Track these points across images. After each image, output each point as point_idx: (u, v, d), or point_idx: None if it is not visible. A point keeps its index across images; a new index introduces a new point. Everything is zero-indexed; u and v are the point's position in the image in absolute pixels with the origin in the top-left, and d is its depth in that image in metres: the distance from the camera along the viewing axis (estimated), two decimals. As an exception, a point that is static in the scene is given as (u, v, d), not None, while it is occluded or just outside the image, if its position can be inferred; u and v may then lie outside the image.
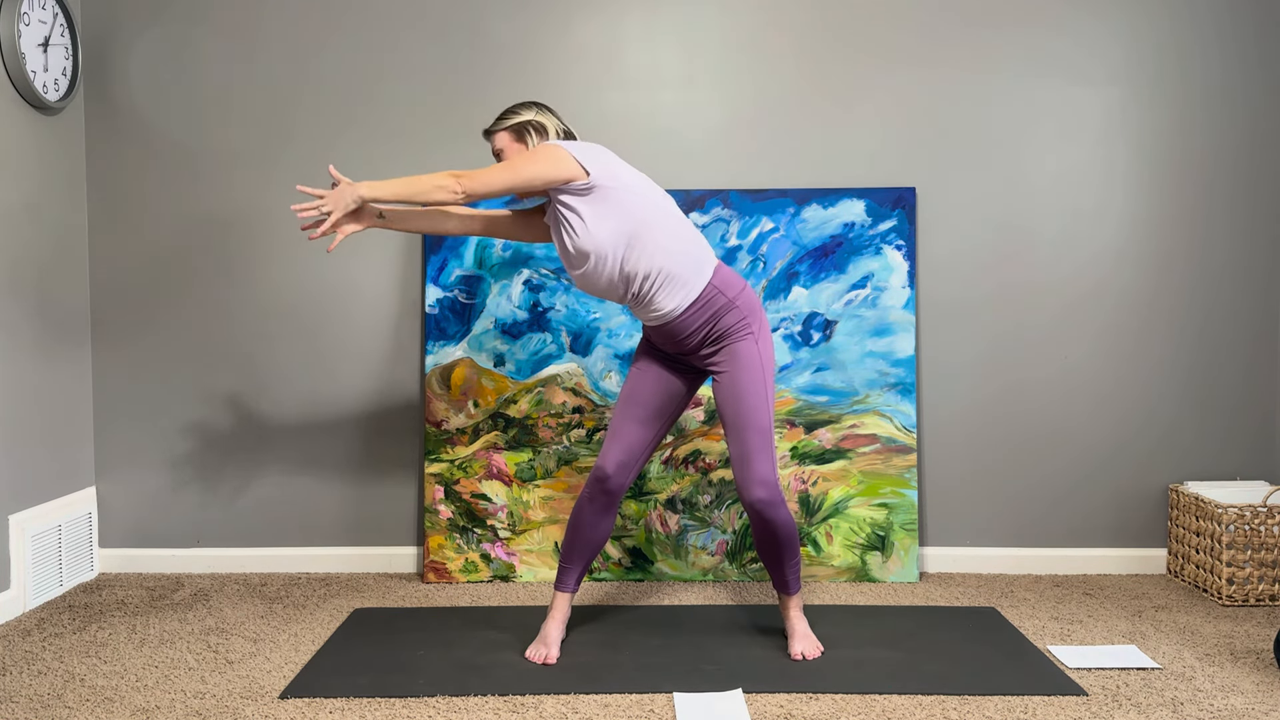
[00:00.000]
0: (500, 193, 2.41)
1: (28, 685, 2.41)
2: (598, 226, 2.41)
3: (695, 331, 2.49)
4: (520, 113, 2.57)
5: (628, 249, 2.42)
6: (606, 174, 2.41)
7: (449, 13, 3.27)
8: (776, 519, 2.48)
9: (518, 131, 2.56)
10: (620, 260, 2.43)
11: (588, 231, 2.41)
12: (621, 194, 2.42)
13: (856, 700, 2.31)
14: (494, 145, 2.59)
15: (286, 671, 2.49)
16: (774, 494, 2.47)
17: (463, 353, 3.25)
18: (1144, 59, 3.27)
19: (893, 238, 3.23)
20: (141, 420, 3.33)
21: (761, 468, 2.46)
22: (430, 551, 3.23)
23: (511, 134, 2.57)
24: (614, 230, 2.41)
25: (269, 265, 3.31)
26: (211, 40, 3.28)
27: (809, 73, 3.28)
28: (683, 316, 2.47)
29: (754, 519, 2.50)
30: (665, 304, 2.46)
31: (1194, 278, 3.31)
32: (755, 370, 2.48)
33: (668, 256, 2.43)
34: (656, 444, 2.62)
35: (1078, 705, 2.28)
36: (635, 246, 2.42)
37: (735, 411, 2.48)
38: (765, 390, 2.49)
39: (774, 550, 2.54)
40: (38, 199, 3.07)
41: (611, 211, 2.41)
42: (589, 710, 2.26)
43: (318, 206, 2.38)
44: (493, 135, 2.59)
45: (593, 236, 2.41)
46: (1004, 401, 3.31)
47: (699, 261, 2.47)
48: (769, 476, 2.46)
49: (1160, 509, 3.33)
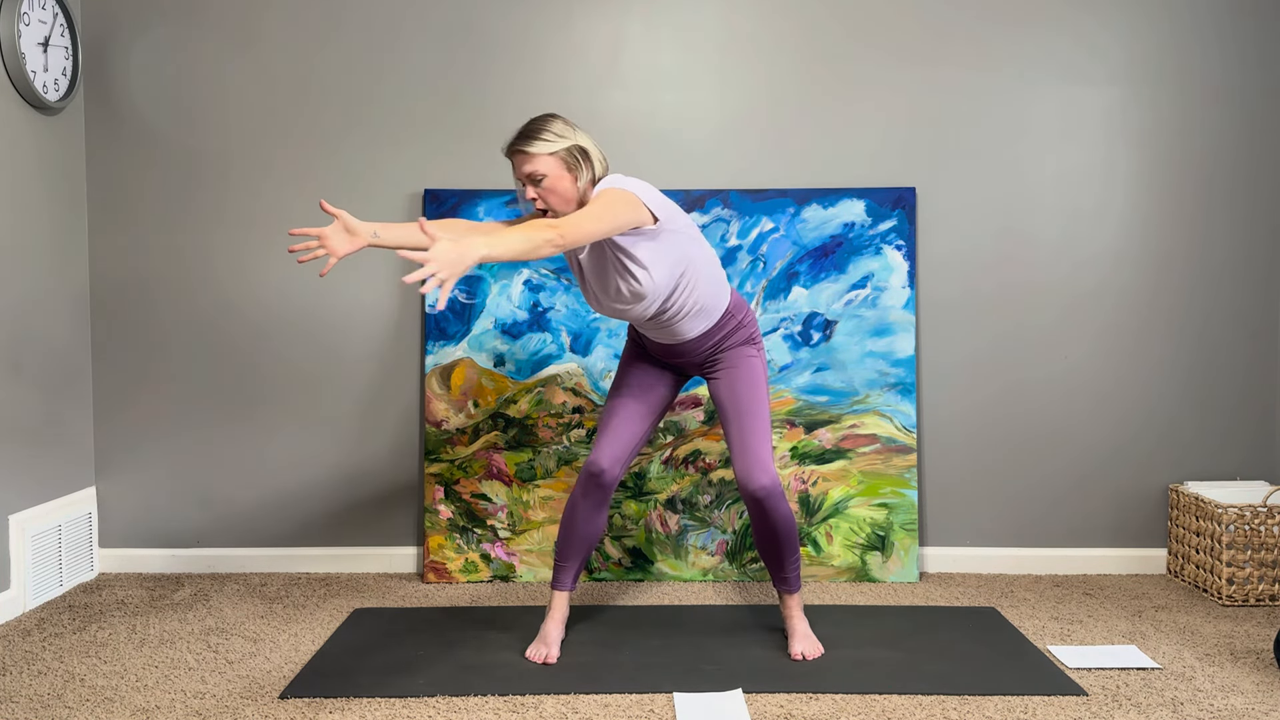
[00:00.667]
0: (591, 240, 2.23)
1: (28, 685, 2.41)
2: (657, 270, 2.37)
3: (701, 350, 2.56)
4: (562, 134, 2.37)
5: (675, 288, 2.42)
6: (665, 217, 2.37)
7: (449, 12, 3.27)
8: (778, 511, 2.50)
9: (566, 160, 2.37)
10: (664, 298, 2.42)
11: (648, 276, 2.36)
12: (675, 236, 2.40)
13: (856, 700, 2.31)
14: (530, 167, 2.36)
15: (286, 671, 2.49)
16: (776, 485, 2.49)
17: (463, 353, 3.25)
18: (1144, 59, 3.27)
19: (893, 238, 3.23)
20: (141, 420, 3.33)
21: (763, 455, 2.48)
22: (430, 551, 3.23)
23: (558, 161, 2.37)
24: (668, 272, 2.39)
25: (269, 265, 3.31)
26: (211, 40, 3.28)
27: (809, 72, 3.28)
28: (697, 339, 2.53)
29: (755, 512, 2.51)
30: (688, 331, 2.50)
31: (1194, 278, 3.31)
32: (758, 378, 2.54)
33: (705, 291, 2.46)
34: (647, 439, 2.65)
35: (1078, 705, 2.28)
36: (682, 284, 2.43)
37: (734, 401, 2.51)
38: (764, 392, 2.55)
39: (774, 545, 2.55)
40: (38, 199, 3.07)
41: (668, 253, 2.38)
42: (589, 710, 2.26)
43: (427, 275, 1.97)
44: (529, 157, 2.36)
45: (653, 280, 2.37)
46: (1004, 401, 3.31)
47: (722, 290, 2.52)
48: (770, 467, 2.48)
49: (1160, 509, 3.32)
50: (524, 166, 2.37)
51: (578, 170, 2.38)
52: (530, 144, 2.35)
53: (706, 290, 2.47)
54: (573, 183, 2.39)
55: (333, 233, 2.26)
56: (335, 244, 2.26)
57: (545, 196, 2.39)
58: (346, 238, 2.28)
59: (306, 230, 2.26)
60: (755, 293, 3.23)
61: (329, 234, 2.26)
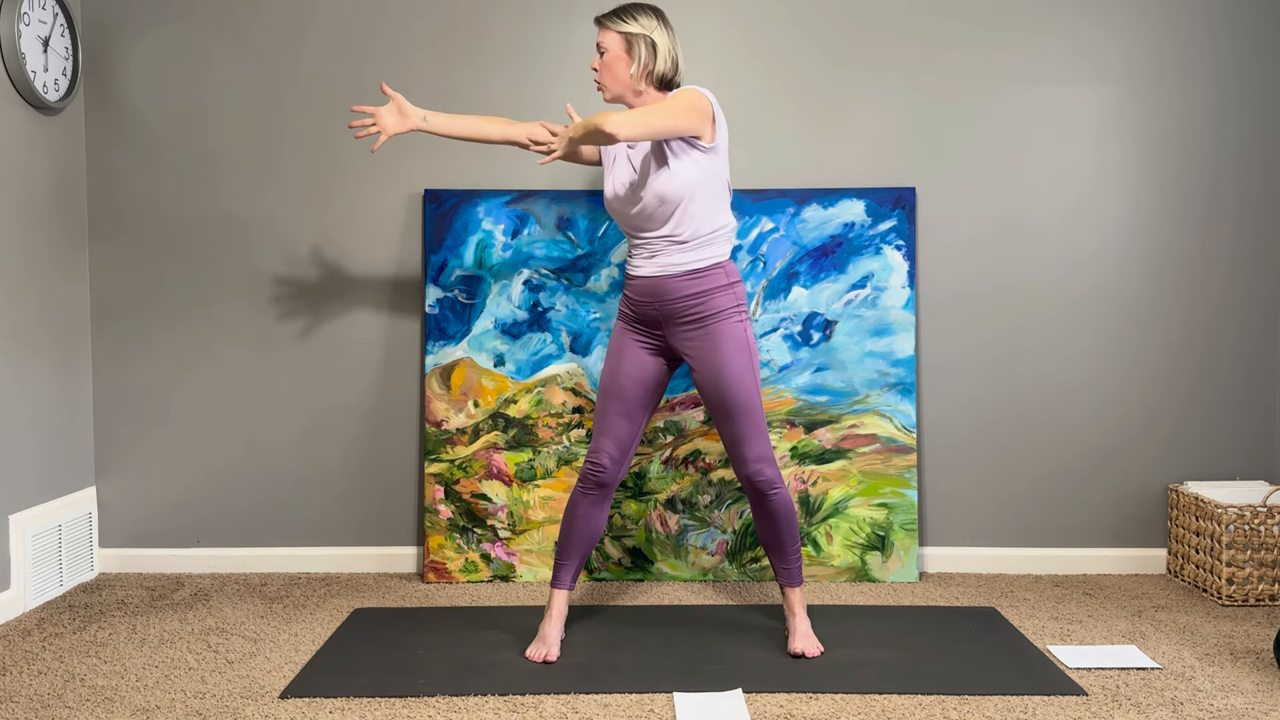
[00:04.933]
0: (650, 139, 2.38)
1: (28, 685, 2.41)
2: (685, 173, 2.44)
3: (684, 299, 2.51)
4: (640, 19, 2.50)
5: (693, 204, 2.46)
6: (720, 145, 2.48)
7: (450, 12, 3.27)
8: (778, 499, 2.51)
9: (629, 41, 2.49)
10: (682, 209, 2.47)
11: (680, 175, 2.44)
12: (716, 158, 2.48)
13: (856, 700, 2.31)
14: (600, 37, 2.53)
15: (286, 671, 2.49)
16: (774, 471, 2.49)
17: (463, 353, 3.25)
18: (1141, 59, 3.27)
19: (893, 238, 3.23)
20: (141, 420, 3.33)
21: (758, 445, 2.49)
22: (430, 551, 3.23)
23: (624, 40, 2.50)
24: (693, 183, 2.45)
25: (269, 265, 3.31)
26: (211, 40, 3.28)
27: (809, 72, 3.28)
28: (679, 279, 2.50)
29: (755, 498, 2.51)
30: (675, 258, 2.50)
31: (1194, 278, 3.31)
32: (743, 353, 2.50)
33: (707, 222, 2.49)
34: (644, 431, 2.67)
35: (1078, 705, 2.28)
36: (697, 203, 2.47)
37: (724, 394, 2.49)
38: (754, 374, 2.50)
39: (776, 534, 2.55)
40: (38, 199, 3.07)
41: (698, 168, 2.46)
42: (589, 710, 2.26)
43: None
44: (605, 29, 2.52)
45: (681, 180, 2.44)
46: (1004, 401, 3.31)
47: (724, 239, 2.54)
48: (766, 452, 2.49)
49: (1160, 509, 3.33)
50: (598, 36, 2.55)
51: (637, 59, 2.50)
52: (609, 19, 2.53)
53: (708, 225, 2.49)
54: (627, 66, 2.51)
55: (386, 112, 2.59)
56: (387, 122, 2.58)
57: (601, 70, 2.55)
58: (398, 118, 2.59)
59: (364, 108, 2.58)
60: (755, 293, 3.23)
61: (383, 113, 2.58)
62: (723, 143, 2.50)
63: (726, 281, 2.51)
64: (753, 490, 2.51)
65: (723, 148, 2.50)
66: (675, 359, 2.64)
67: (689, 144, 2.45)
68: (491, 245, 3.25)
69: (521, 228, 3.25)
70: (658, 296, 2.53)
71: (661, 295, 2.52)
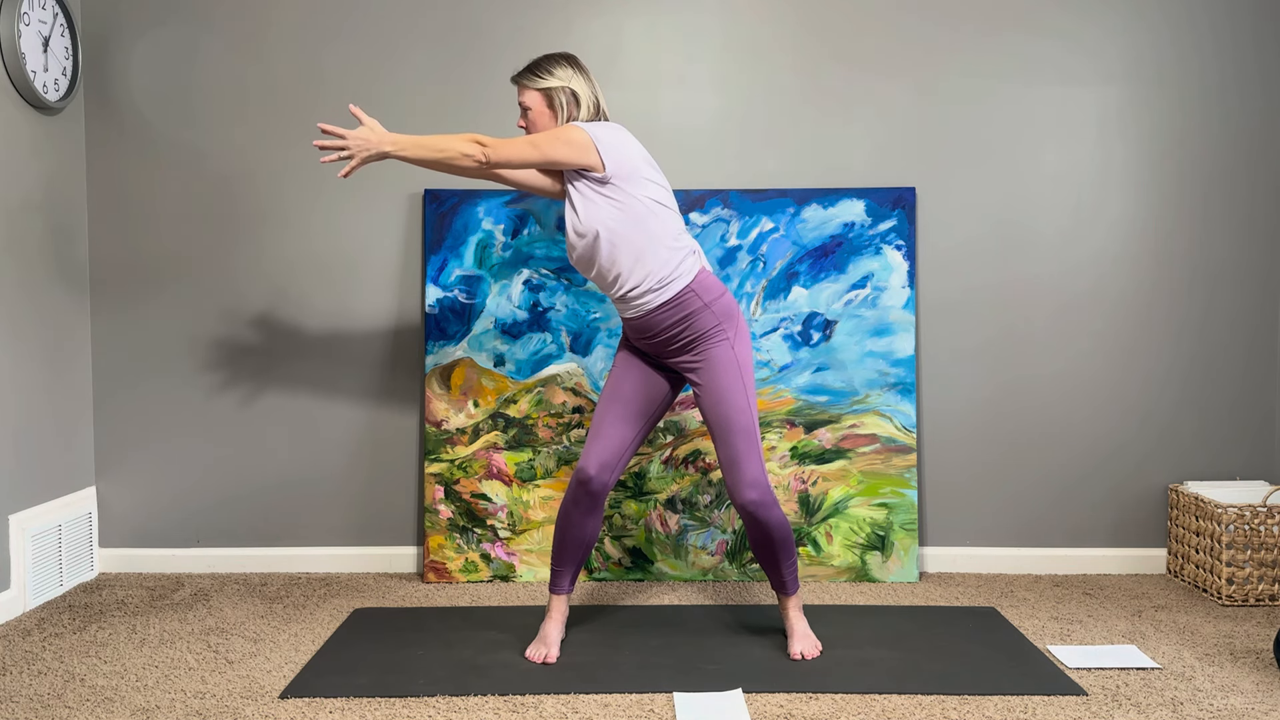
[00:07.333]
0: (519, 166, 2.45)
1: (28, 685, 2.41)
2: (596, 210, 2.45)
3: (668, 329, 2.51)
4: (555, 73, 2.52)
5: (617, 238, 2.44)
6: (622, 171, 2.44)
7: (450, 12, 3.27)
8: (770, 519, 2.49)
9: (549, 96, 2.53)
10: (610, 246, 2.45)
11: (586, 213, 2.46)
12: (627, 189, 2.45)
13: (856, 700, 2.31)
14: (520, 97, 2.56)
15: (286, 671, 2.49)
16: (765, 495, 2.48)
17: (463, 352, 3.25)
18: (1141, 59, 3.27)
19: (892, 238, 3.23)
20: (141, 420, 3.33)
21: (750, 470, 2.48)
22: (430, 551, 3.23)
23: (543, 97, 2.53)
24: (609, 218, 2.44)
25: (268, 265, 3.31)
26: (211, 40, 3.28)
27: (809, 72, 3.28)
28: (656, 313, 2.49)
29: (748, 521, 2.51)
30: (642, 298, 2.48)
31: (1193, 278, 3.31)
32: (733, 374, 2.49)
33: (653, 255, 2.45)
34: (640, 442, 2.63)
35: (1078, 705, 2.28)
36: (623, 236, 2.44)
37: (718, 417, 2.50)
38: (745, 392, 2.50)
39: (770, 551, 2.55)
40: (38, 199, 3.07)
41: (611, 203, 2.45)
42: (589, 710, 2.26)
43: (340, 148, 2.42)
44: (523, 88, 2.54)
45: (589, 219, 2.46)
46: (1004, 401, 3.32)
47: (680, 263, 2.49)
48: (759, 478, 2.48)
49: (1160, 509, 3.33)
50: (518, 95, 2.58)
51: (560, 111, 2.53)
52: (525, 77, 2.56)
53: (654, 257, 2.45)
54: (552, 119, 2.54)
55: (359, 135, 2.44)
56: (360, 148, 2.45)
57: (528, 127, 2.58)
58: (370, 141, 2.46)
59: (333, 129, 2.44)
60: (755, 293, 3.23)
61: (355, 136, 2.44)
62: (628, 170, 2.44)
63: (702, 303, 2.49)
64: (747, 515, 2.50)
65: (632, 175, 2.45)
66: (679, 380, 2.64)
67: (586, 180, 2.46)
68: (491, 245, 3.25)
69: (521, 227, 3.25)
70: (646, 332, 2.55)
71: (647, 331, 2.54)
